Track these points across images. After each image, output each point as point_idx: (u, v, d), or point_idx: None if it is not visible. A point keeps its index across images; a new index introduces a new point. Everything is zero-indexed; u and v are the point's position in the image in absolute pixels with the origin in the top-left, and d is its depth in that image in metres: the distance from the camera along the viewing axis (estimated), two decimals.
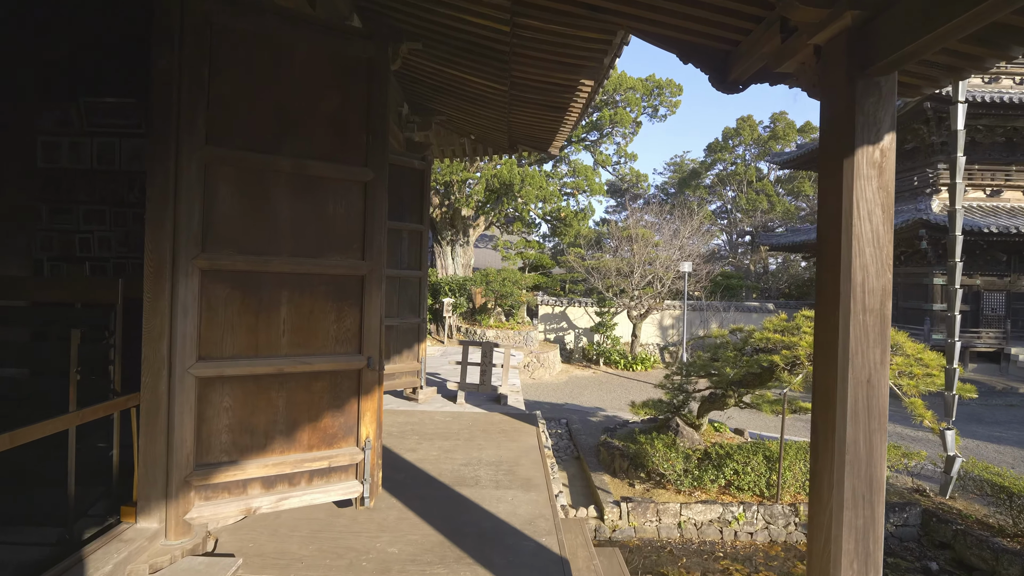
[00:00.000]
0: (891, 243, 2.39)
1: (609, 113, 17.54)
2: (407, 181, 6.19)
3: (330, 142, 3.05)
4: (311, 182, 3.00)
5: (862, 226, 2.39)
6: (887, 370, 2.41)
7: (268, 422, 2.91)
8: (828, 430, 2.42)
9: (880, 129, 2.36)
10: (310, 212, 2.99)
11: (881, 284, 2.37)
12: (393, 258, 6.04)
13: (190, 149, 2.68)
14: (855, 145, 2.33)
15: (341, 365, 3.07)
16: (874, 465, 2.33)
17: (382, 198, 3.18)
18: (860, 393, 2.40)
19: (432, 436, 4.88)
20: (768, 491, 8.07)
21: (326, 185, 3.04)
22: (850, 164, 2.36)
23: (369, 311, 3.14)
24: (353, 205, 3.10)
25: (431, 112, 8.92)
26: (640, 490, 8.60)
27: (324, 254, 3.02)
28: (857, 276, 2.40)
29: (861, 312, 2.38)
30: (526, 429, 5.26)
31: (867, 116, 2.37)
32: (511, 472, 4.06)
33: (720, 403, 8.71)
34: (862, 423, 2.36)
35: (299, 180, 2.97)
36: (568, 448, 10.88)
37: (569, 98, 6.42)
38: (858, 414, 2.37)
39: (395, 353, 6.02)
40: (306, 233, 2.98)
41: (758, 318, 21.10)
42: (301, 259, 2.96)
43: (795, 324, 7.41)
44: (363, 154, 3.13)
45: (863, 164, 2.37)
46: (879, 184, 2.39)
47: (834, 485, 2.37)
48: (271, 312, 2.90)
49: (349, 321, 3.10)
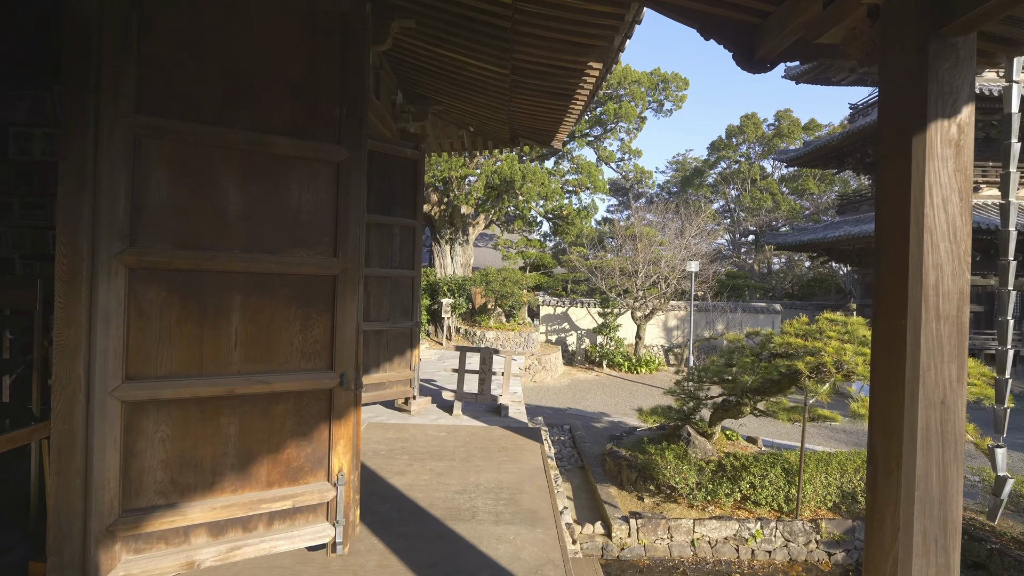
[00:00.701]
0: (969, 237, 1.93)
1: (614, 107, 16.98)
2: (399, 172, 5.65)
3: (295, 114, 2.51)
4: (271, 162, 2.46)
5: (935, 217, 1.94)
6: (964, 389, 1.94)
7: (216, 455, 2.38)
8: (891, 460, 1.99)
9: (957, 100, 1.95)
10: (269, 198, 2.46)
11: (958, 287, 1.92)
12: (383, 256, 5.51)
13: (114, 118, 2.15)
14: (927, 120, 1.90)
15: (308, 384, 2.53)
16: (949, 504, 1.93)
17: (359, 183, 2.64)
18: (932, 417, 1.98)
19: (424, 455, 4.35)
20: (787, 506, 7.54)
21: (290, 166, 2.50)
22: (921, 143, 1.92)
23: (343, 318, 2.60)
24: (323, 190, 2.57)
25: (427, 101, 8.37)
26: (650, 504, 8.06)
27: (286, 249, 2.49)
28: (929, 277, 1.96)
29: (934, 320, 1.95)
30: (529, 446, 4.72)
31: (942, 84, 1.93)
32: (513, 501, 3.53)
33: (735, 411, 8.18)
34: (935, 453, 1.94)
35: (256, 159, 2.43)
36: (572, 457, 10.36)
37: (575, 84, 5.87)
38: (930, 442, 1.94)
39: (385, 360, 5.48)
40: (264, 224, 2.44)
41: (765, 319, 20.56)
42: (257, 255, 2.42)
43: (818, 328, 6.89)
44: (336, 129, 2.59)
45: (937, 142, 1.92)
46: (956, 166, 1.96)
47: (900, 527, 1.95)
48: (220, 320, 2.37)
49: (318, 331, 2.56)
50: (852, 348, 6.00)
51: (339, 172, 2.59)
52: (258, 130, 2.42)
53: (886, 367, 1.94)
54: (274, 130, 2.46)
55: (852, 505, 7.66)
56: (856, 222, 21.09)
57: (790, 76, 25.22)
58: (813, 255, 26.17)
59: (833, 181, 34.59)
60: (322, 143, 2.56)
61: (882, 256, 2.06)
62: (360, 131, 2.64)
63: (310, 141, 2.53)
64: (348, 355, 2.60)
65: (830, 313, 7.27)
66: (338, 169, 2.60)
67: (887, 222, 1.95)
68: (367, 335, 5.32)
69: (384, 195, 5.50)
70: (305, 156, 2.52)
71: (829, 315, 7.05)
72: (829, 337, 6.44)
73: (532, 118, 7.70)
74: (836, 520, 7.39)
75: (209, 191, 2.35)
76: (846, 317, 6.90)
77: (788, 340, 6.72)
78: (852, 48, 2.30)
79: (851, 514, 7.58)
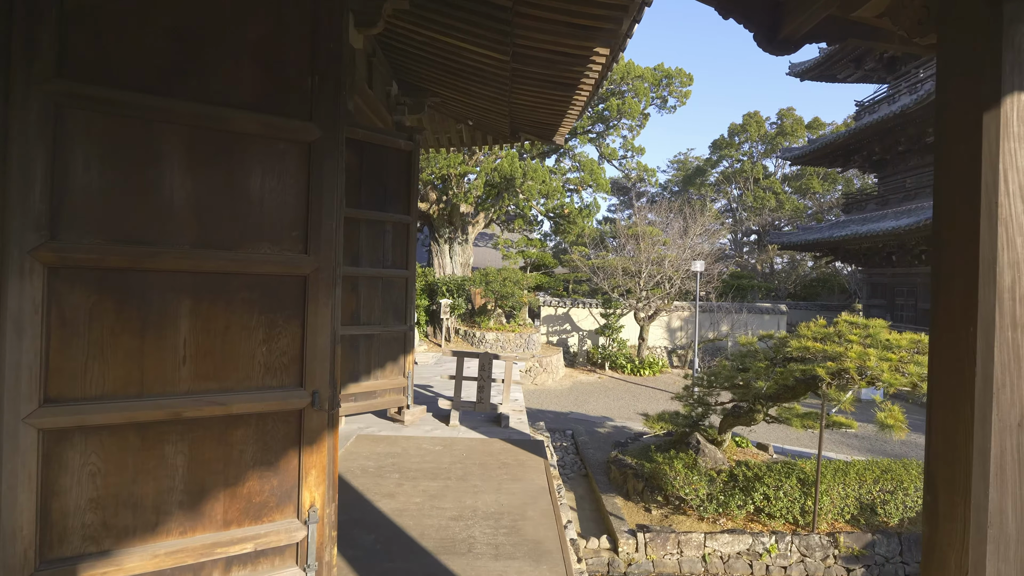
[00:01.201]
0: None
1: (616, 103, 16.56)
2: (391, 164, 5.25)
3: (258, 84, 2.11)
4: (228, 140, 2.06)
5: (1012, 207, 1.63)
6: None
7: (161, 491, 1.98)
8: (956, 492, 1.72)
9: None
10: (226, 183, 2.06)
11: None
12: (375, 255, 5.12)
13: (27, 83, 1.75)
14: (1002, 94, 1.57)
15: (273, 404, 2.14)
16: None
17: (334, 167, 2.24)
18: (1008, 442, 1.68)
19: (417, 474, 3.95)
20: (803, 518, 7.15)
21: (250, 146, 2.10)
22: (994, 121, 1.59)
23: (315, 326, 2.20)
24: (291, 175, 2.17)
25: (424, 92, 7.98)
26: (657, 516, 7.67)
27: (247, 245, 2.09)
28: (1004, 278, 1.66)
29: (1010, 328, 1.66)
30: (532, 462, 4.32)
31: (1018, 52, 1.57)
32: (515, 530, 3.13)
33: (746, 418, 7.78)
34: (1011, 484, 1.65)
35: (209, 137, 2.04)
36: (575, 464, 9.97)
37: (580, 72, 5.48)
38: (1005, 472, 1.65)
39: (377, 367, 5.09)
40: (219, 214, 2.05)
41: (771, 320, 20.17)
42: (211, 252, 2.03)
43: (836, 331, 6.50)
44: (306, 103, 2.20)
45: (1012, 119, 1.59)
46: None
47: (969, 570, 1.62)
48: (165, 330, 1.97)
49: (285, 341, 2.16)
50: (876, 353, 5.61)
51: (311, 154, 2.20)
52: (212, 102, 2.02)
53: (949, 383, 1.64)
54: (232, 102, 2.06)
55: (871, 518, 7.28)
56: (863, 221, 20.71)
57: (795, 73, 24.84)
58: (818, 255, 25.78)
59: (837, 180, 34.24)
60: (290, 119, 2.16)
61: (942, 254, 1.76)
62: (336, 106, 2.24)
63: (275, 116, 2.13)
64: (321, 369, 2.21)
65: (849, 315, 6.88)
66: (309, 150, 2.20)
67: (949, 214, 1.66)
68: (356, 340, 4.93)
69: (375, 189, 5.11)
70: (269, 134, 2.13)
71: (848, 317, 6.66)
72: (850, 341, 6.04)
73: (534, 110, 7.31)
74: (855, 534, 7.01)
75: (151, 174, 1.95)
76: (866, 320, 6.51)
77: (805, 344, 6.32)
78: (900, 17, 1.96)
79: (871, 527, 7.19)
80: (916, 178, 19.67)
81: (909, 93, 18.38)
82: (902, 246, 18.93)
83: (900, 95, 19.16)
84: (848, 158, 22.77)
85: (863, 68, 22.08)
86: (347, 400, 4.89)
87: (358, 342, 4.95)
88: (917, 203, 18.82)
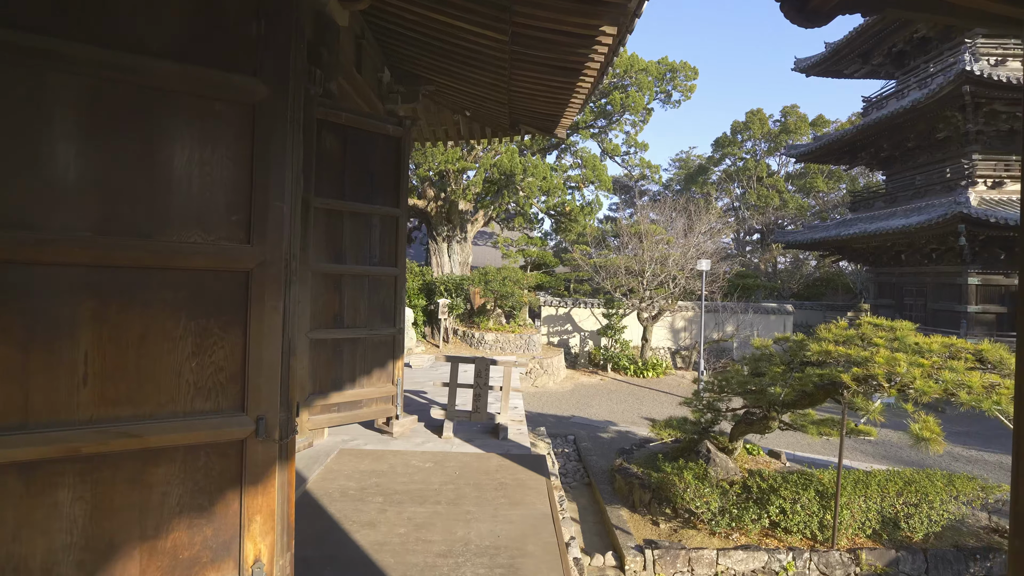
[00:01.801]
0: None
1: (620, 96, 16.07)
2: (379, 152, 4.79)
3: (185, 27, 1.66)
4: (145, 98, 1.61)
5: None
6: None
7: (53, 549, 1.53)
8: None
9: None
10: (142, 153, 1.61)
11: None
12: (360, 251, 4.66)
13: None
14: None
15: (205, 435, 1.68)
16: None
17: (287, 136, 1.78)
18: None
19: (403, 497, 3.49)
20: (821, 533, 6.69)
21: (175, 105, 1.65)
22: None
23: (261, 334, 1.75)
24: (230, 144, 1.71)
25: (418, 79, 7.54)
26: (666, 530, 7.20)
27: (170, 232, 1.63)
28: None
29: None
30: (533, 482, 3.86)
31: None
32: (513, 570, 2.67)
33: (760, 426, 7.31)
34: None
35: (119, 92, 1.58)
36: (577, 471, 9.51)
37: (584, 55, 5.03)
38: None
39: (362, 374, 4.63)
40: (133, 193, 1.59)
41: (777, 320, 19.69)
42: (121, 240, 1.57)
43: (860, 333, 6.04)
44: (251, 54, 1.74)
45: None
46: None
47: None
48: (58, 341, 1.52)
49: (221, 354, 1.71)
50: (905, 358, 5.16)
51: (256, 118, 1.74)
52: (123, 47, 1.57)
53: None
54: (150, 48, 1.60)
55: (895, 532, 6.81)
56: (871, 219, 20.26)
57: (800, 68, 24.38)
58: (824, 254, 25.33)
59: (841, 178, 33.80)
60: (228, 73, 1.71)
61: None
62: (289, 58, 1.78)
63: (209, 69, 1.68)
64: (269, 389, 1.75)
65: (870, 317, 6.42)
66: (255, 113, 1.74)
67: None
68: (340, 344, 4.47)
69: (361, 179, 4.65)
70: (200, 91, 1.67)
71: (872, 319, 6.19)
72: (875, 345, 5.59)
73: (534, 99, 6.86)
74: (878, 550, 6.55)
75: (39, 138, 1.49)
76: (891, 321, 6.05)
77: (826, 348, 5.87)
78: None
79: (894, 543, 6.73)
80: (926, 175, 19.20)
81: (919, 88, 17.92)
82: (912, 245, 18.48)
83: (910, 90, 18.70)
84: (855, 155, 22.33)
85: (870, 63, 21.62)
86: (329, 411, 4.44)
87: (342, 347, 4.50)
88: (927, 200, 18.36)
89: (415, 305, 15.64)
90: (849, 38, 20.66)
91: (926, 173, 19.18)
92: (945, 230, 15.82)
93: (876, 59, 21.23)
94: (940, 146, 18.53)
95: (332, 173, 4.40)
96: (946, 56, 17.98)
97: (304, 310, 4.24)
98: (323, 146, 4.29)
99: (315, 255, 4.28)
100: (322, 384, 4.36)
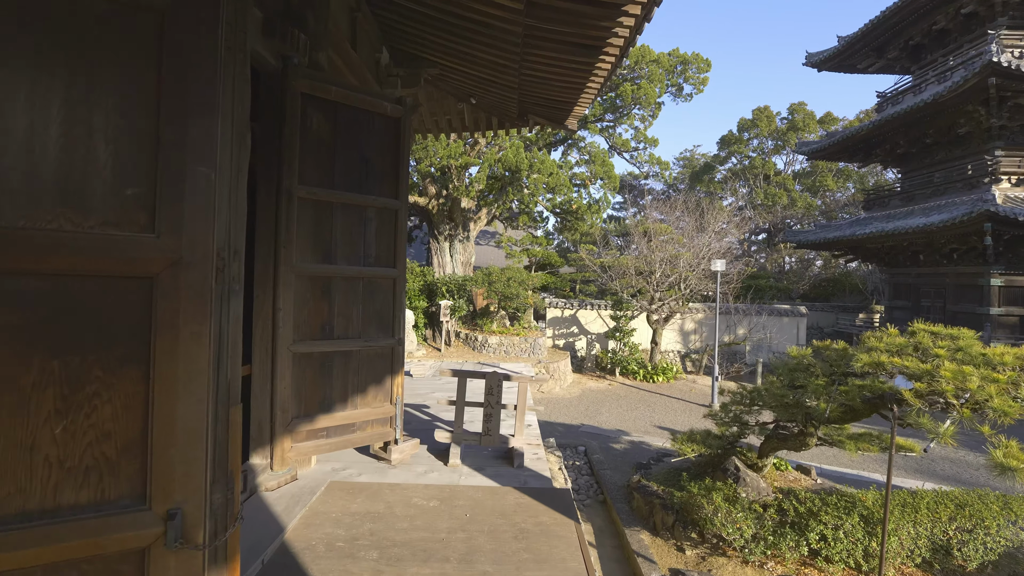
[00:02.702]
0: None
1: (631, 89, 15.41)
2: (374, 135, 4.14)
3: None
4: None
5: None
6: None
7: None
8: None
9: None
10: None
11: None
12: (352, 249, 4.01)
13: None
14: None
15: (79, 545, 1.02)
16: None
17: (216, 66, 1.13)
18: None
19: (403, 551, 2.84)
20: (867, 563, 6.01)
21: (14, 3, 0.99)
22: None
23: (175, 376, 1.08)
24: (121, 74, 1.06)
25: (420, 62, 6.89)
26: (693, 557, 6.53)
27: (20, 214, 0.98)
28: None
29: None
30: (559, 528, 3.21)
31: None
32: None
33: (795, 442, 6.65)
34: None
35: None
36: (590, 487, 8.85)
37: (607, 30, 4.39)
38: None
39: (356, 392, 3.98)
40: None
41: (790, 323, 19.02)
42: None
43: (915, 342, 5.40)
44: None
45: None
46: None
47: None
48: None
49: (107, 410, 1.03)
50: (977, 373, 4.53)
51: (163, 37, 1.09)
52: None
53: None
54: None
55: (947, 561, 6.15)
56: (887, 218, 19.57)
57: (812, 63, 23.69)
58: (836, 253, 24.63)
59: (850, 177, 33.15)
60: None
61: None
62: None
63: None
64: (188, 465, 1.10)
65: (923, 324, 5.78)
66: (162, 28, 1.09)
67: None
68: (330, 358, 3.82)
69: (354, 165, 4.00)
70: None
71: (928, 327, 5.53)
72: (938, 356, 4.94)
73: (547, 84, 6.22)
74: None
75: None
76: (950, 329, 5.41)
77: (879, 359, 5.22)
78: None
79: (946, 573, 6.09)
80: (945, 172, 18.53)
81: (938, 82, 17.25)
82: (930, 244, 17.80)
83: (927, 84, 18.02)
84: (870, 151, 21.65)
85: (885, 57, 20.95)
86: (316, 437, 3.79)
87: (332, 361, 3.85)
88: (947, 199, 17.69)
89: (416, 307, 15.00)
90: (863, 31, 19.99)
91: (945, 170, 18.50)
92: (969, 229, 15.14)
93: (891, 53, 20.55)
94: (960, 142, 17.84)
95: (319, 157, 3.76)
96: (966, 49, 17.31)
97: (286, 319, 3.60)
98: (308, 125, 3.65)
99: (299, 254, 3.63)
100: (308, 406, 3.72)
